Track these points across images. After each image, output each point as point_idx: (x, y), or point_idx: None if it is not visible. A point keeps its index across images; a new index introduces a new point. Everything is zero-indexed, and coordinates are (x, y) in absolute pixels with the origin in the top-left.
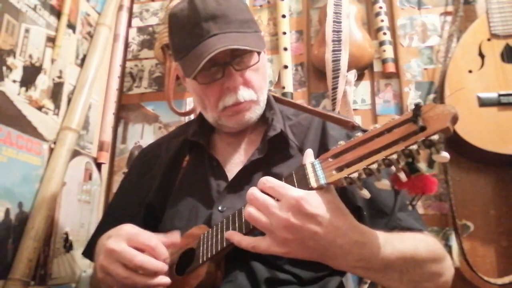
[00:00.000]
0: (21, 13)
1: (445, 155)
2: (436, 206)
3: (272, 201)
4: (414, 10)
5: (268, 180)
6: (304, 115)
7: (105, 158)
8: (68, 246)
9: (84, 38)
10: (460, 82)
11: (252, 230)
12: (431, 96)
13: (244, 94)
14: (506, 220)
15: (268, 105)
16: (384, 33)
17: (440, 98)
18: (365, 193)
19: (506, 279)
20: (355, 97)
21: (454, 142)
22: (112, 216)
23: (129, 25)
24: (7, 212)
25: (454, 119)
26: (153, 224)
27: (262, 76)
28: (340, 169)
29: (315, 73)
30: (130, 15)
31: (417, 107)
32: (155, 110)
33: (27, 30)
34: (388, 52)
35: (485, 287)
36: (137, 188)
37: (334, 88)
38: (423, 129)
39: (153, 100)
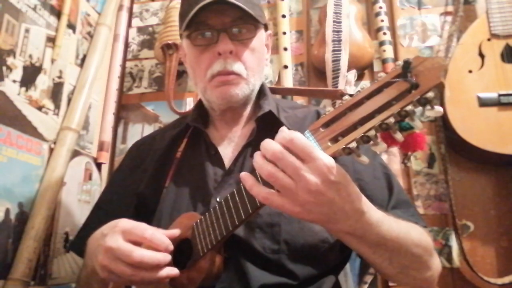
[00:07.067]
0: (21, 13)
1: (439, 109)
2: (436, 206)
3: (301, 163)
4: (414, 10)
5: (297, 138)
6: (300, 108)
7: (105, 158)
8: (68, 246)
9: (84, 38)
10: (460, 82)
11: (258, 208)
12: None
13: (233, 63)
14: (506, 220)
15: (262, 93)
16: (384, 33)
17: (439, 98)
18: (364, 159)
19: (506, 279)
20: None
21: (454, 142)
22: (103, 209)
23: (129, 25)
24: (7, 212)
25: (445, 72)
26: (146, 215)
27: (258, 59)
28: (335, 139)
29: (315, 73)
30: (130, 15)
31: (407, 63)
32: (155, 110)
33: (27, 30)
34: (388, 52)
35: (485, 287)
36: (129, 181)
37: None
38: (415, 86)
39: (153, 100)
